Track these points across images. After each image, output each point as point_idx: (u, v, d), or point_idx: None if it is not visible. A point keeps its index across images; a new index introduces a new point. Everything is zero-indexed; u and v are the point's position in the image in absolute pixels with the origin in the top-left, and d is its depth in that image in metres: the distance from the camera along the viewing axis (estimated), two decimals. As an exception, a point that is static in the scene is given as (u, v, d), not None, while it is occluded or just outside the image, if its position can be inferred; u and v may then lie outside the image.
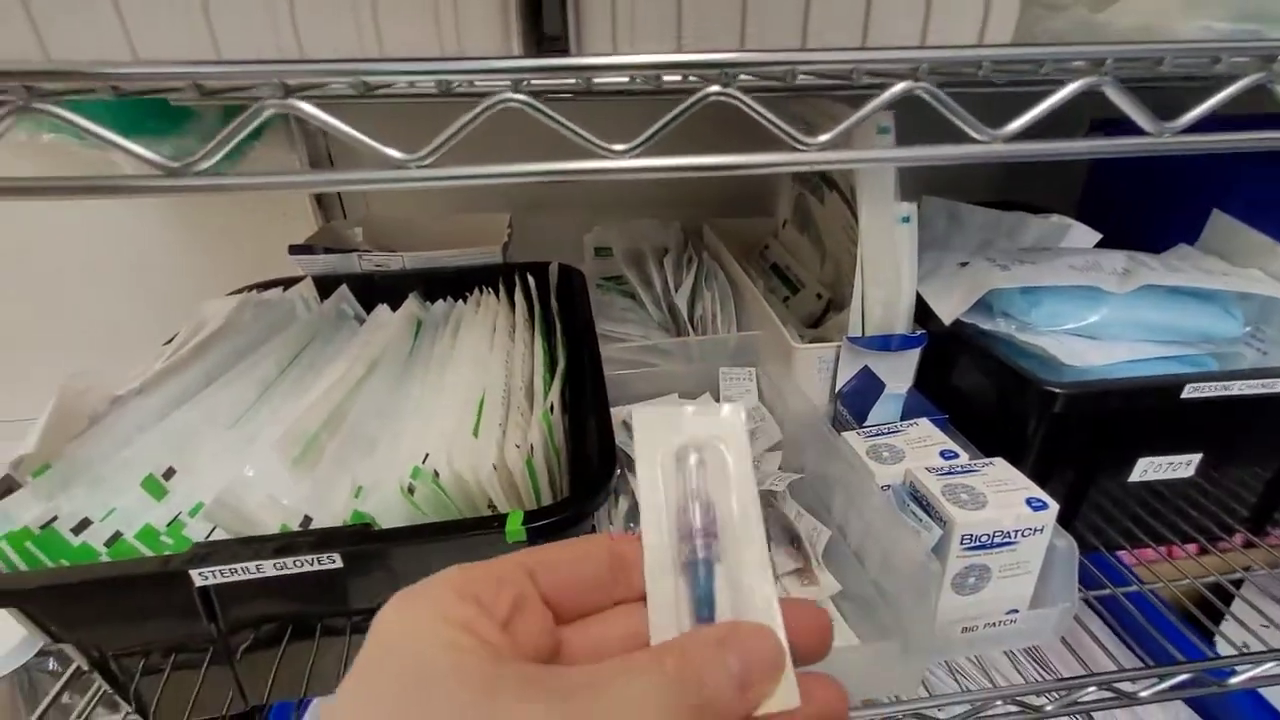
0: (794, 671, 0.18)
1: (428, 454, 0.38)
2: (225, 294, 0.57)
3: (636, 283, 0.72)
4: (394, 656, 0.17)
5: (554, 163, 0.27)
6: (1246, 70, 0.28)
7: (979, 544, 0.40)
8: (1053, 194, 0.77)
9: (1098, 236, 0.62)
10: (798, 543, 0.48)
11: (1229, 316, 0.51)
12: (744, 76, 0.28)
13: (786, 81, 0.31)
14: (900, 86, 0.27)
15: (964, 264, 0.56)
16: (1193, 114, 0.28)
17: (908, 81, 0.27)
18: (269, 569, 0.32)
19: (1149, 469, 0.50)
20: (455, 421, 0.40)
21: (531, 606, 0.19)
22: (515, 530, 0.33)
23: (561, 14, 0.28)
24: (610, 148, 0.27)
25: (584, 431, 0.42)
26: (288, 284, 0.59)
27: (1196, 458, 0.50)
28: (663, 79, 0.35)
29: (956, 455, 0.47)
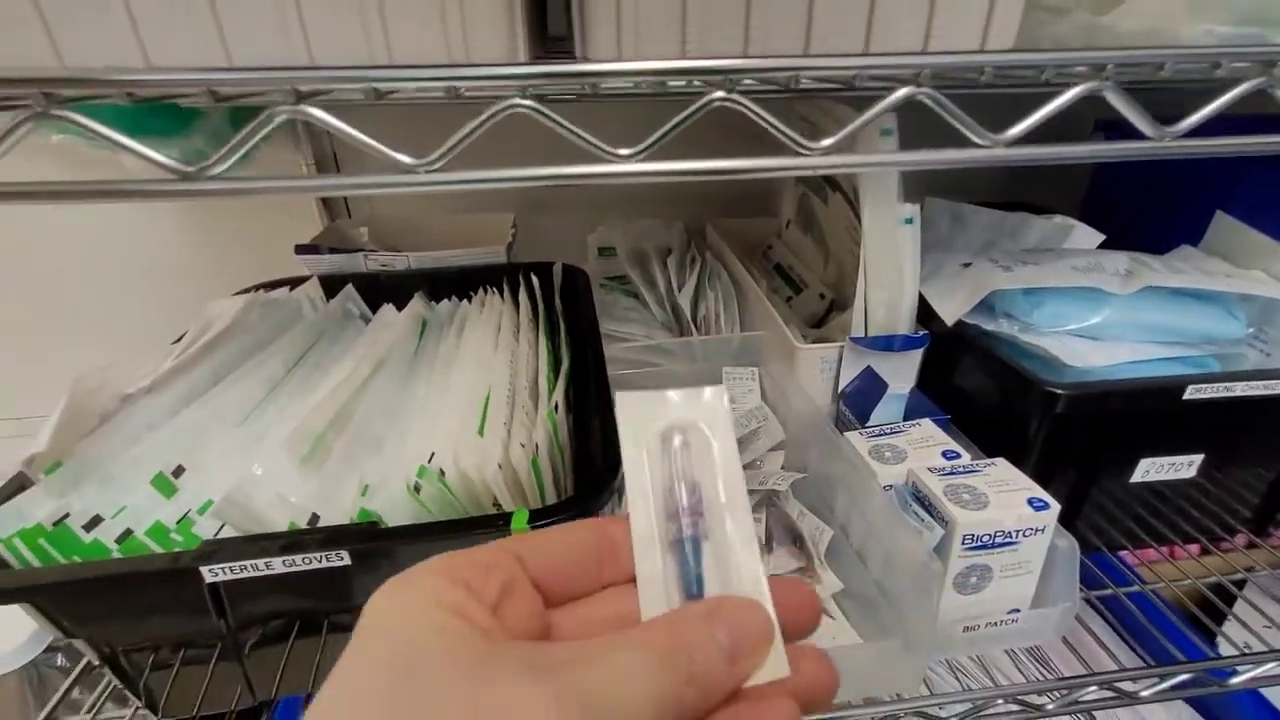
0: (783, 644, 0.19)
1: (433, 453, 0.38)
2: (232, 293, 0.57)
3: (640, 283, 0.72)
4: (384, 640, 0.17)
5: (560, 167, 0.27)
6: (1247, 75, 0.28)
7: (980, 544, 0.41)
8: (1056, 195, 0.77)
9: (1101, 238, 0.62)
10: (800, 542, 0.48)
11: (1231, 318, 0.51)
12: (748, 81, 0.29)
13: (790, 86, 0.31)
14: (902, 92, 0.27)
15: (967, 265, 0.56)
16: (1193, 119, 0.28)
17: (910, 87, 0.27)
18: (278, 566, 0.33)
19: (1151, 470, 0.50)
20: (460, 421, 0.41)
21: (520, 590, 0.19)
22: (520, 529, 0.33)
23: (566, 15, 0.29)
24: (616, 152, 0.27)
25: (588, 431, 0.43)
26: (294, 284, 0.59)
27: (1198, 458, 0.50)
28: (667, 83, 0.35)
29: (958, 455, 0.47)
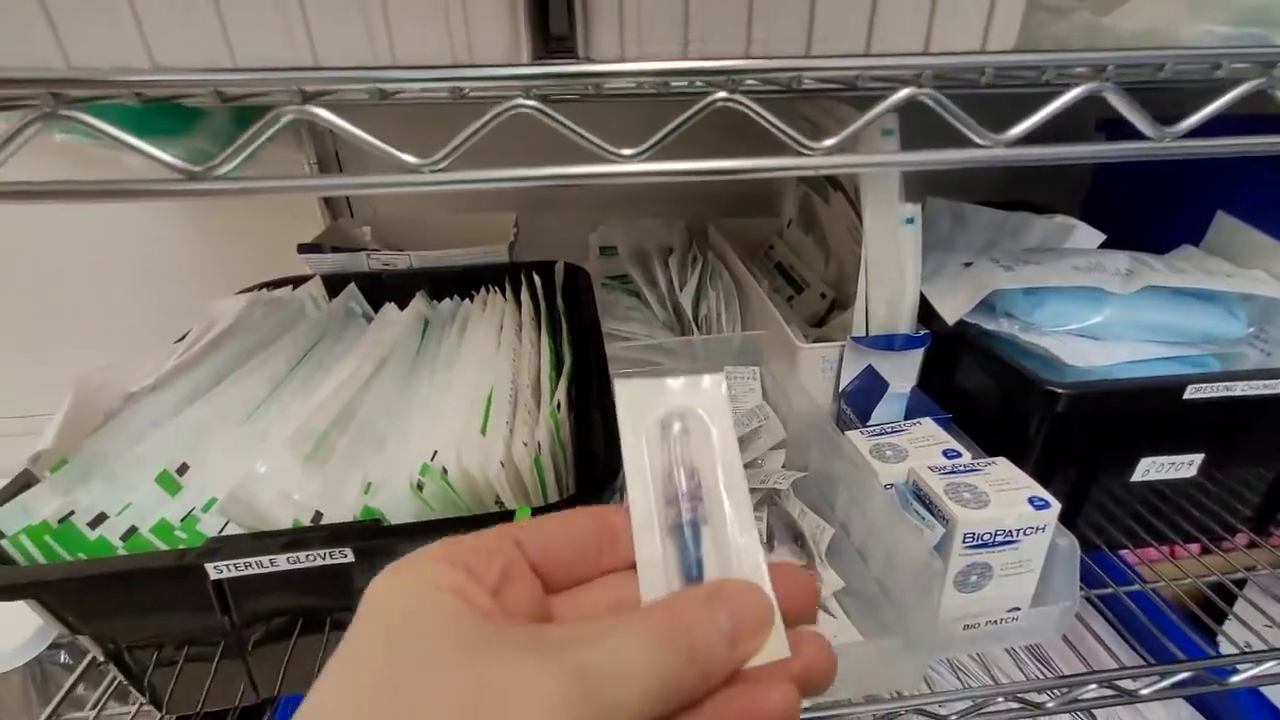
0: (783, 627, 0.19)
1: (436, 451, 0.38)
2: (235, 292, 0.57)
3: (641, 282, 0.72)
4: (385, 622, 0.17)
5: (563, 167, 0.28)
6: (1247, 75, 0.29)
7: (981, 542, 0.41)
8: (1058, 195, 0.77)
9: (1102, 237, 0.62)
10: (801, 540, 0.48)
11: (1232, 317, 0.51)
12: (750, 81, 0.29)
13: (792, 86, 0.31)
14: (904, 93, 0.27)
15: (968, 264, 0.56)
16: (1193, 119, 0.28)
17: (911, 87, 0.27)
18: (282, 563, 0.33)
19: (1151, 469, 0.50)
20: (463, 419, 0.41)
21: (520, 574, 0.19)
22: (523, 527, 0.33)
23: (568, 14, 0.29)
24: (619, 152, 0.27)
25: (589, 429, 0.43)
26: (296, 282, 0.59)
27: (1198, 458, 0.50)
28: (670, 83, 0.36)
29: (959, 454, 0.47)
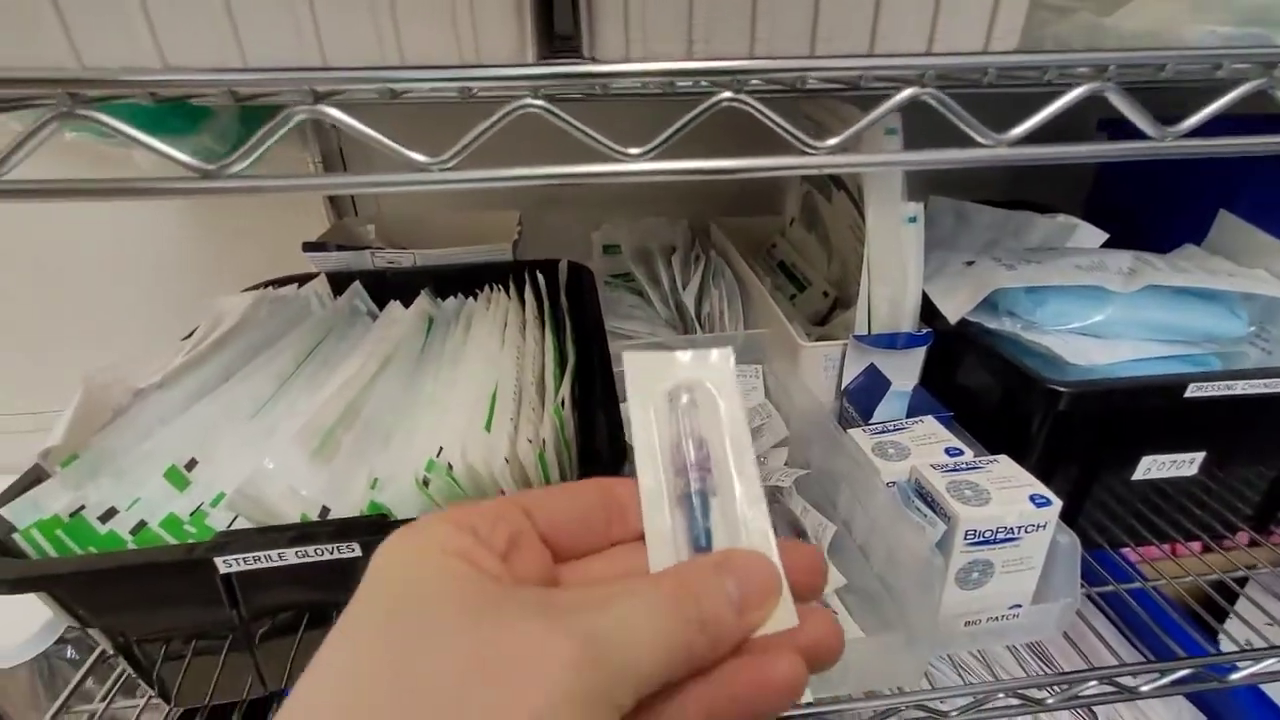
0: (791, 598, 0.19)
1: (441, 447, 0.38)
2: (241, 290, 0.58)
3: (644, 280, 0.72)
4: (392, 586, 0.17)
5: (570, 166, 0.28)
6: (1248, 75, 0.29)
7: (982, 539, 0.41)
8: (1060, 194, 0.77)
9: (1104, 236, 0.62)
10: (803, 537, 0.48)
11: (1234, 316, 0.51)
12: (755, 81, 0.29)
13: (796, 86, 0.32)
14: (907, 93, 0.27)
15: (970, 263, 0.56)
16: (1194, 119, 0.28)
17: (914, 87, 0.27)
18: (290, 557, 0.33)
19: (1152, 467, 0.50)
20: (468, 416, 0.41)
21: (528, 542, 0.19)
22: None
23: (573, 14, 0.29)
24: (625, 151, 0.27)
25: (593, 426, 0.43)
26: (302, 280, 0.60)
27: (1200, 456, 0.50)
28: (675, 83, 0.36)
29: (961, 452, 0.47)
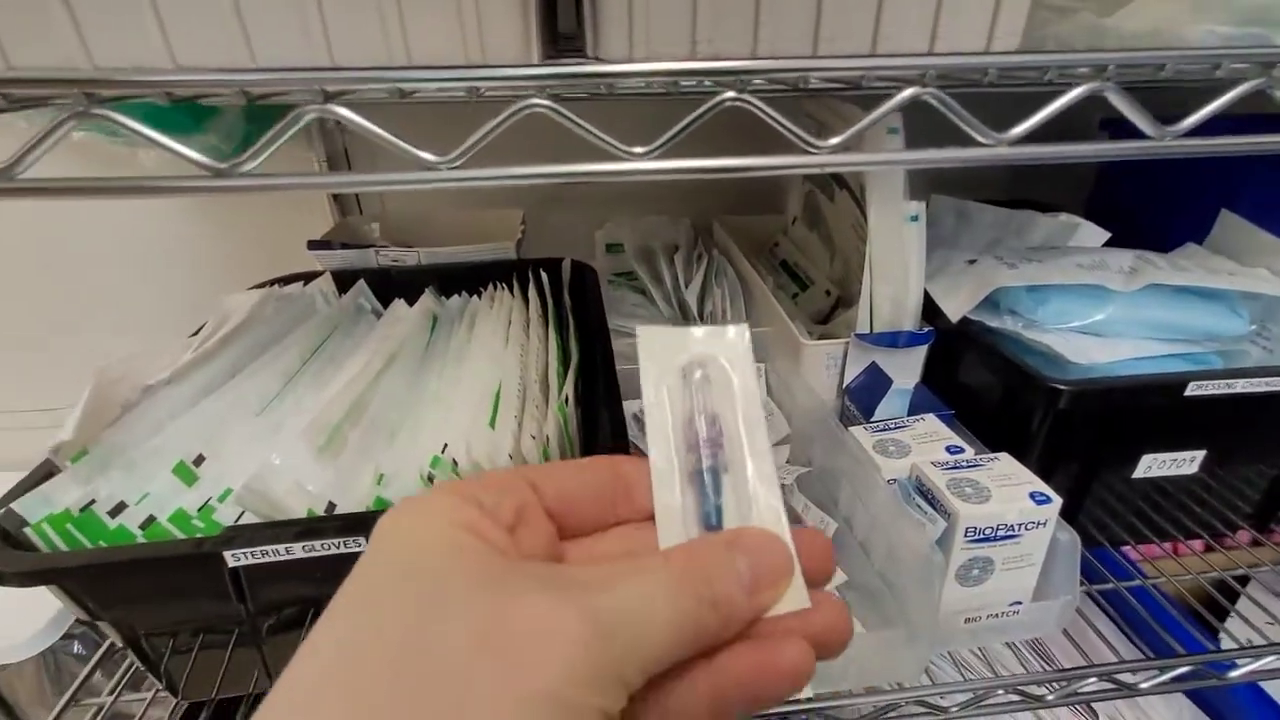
0: (802, 579, 0.18)
1: (446, 444, 0.39)
2: (247, 288, 0.58)
3: (647, 279, 0.73)
4: (396, 559, 0.17)
5: (575, 164, 0.28)
6: (1247, 75, 0.29)
7: (983, 536, 0.41)
8: (1062, 193, 0.78)
9: (1106, 235, 0.62)
10: (805, 534, 0.48)
11: (1235, 315, 0.51)
12: (757, 81, 0.29)
13: (799, 85, 0.32)
14: (908, 92, 0.27)
15: (972, 262, 0.57)
16: (1193, 118, 0.28)
17: (916, 87, 0.28)
18: (298, 551, 0.34)
19: (1153, 465, 0.50)
20: (472, 413, 0.42)
21: (534, 516, 0.19)
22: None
23: (576, 13, 0.29)
24: (630, 150, 0.28)
25: (597, 424, 0.44)
26: (307, 278, 0.60)
27: (1200, 455, 0.50)
28: (679, 83, 0.36)
29: (962, 450, 0.48)
